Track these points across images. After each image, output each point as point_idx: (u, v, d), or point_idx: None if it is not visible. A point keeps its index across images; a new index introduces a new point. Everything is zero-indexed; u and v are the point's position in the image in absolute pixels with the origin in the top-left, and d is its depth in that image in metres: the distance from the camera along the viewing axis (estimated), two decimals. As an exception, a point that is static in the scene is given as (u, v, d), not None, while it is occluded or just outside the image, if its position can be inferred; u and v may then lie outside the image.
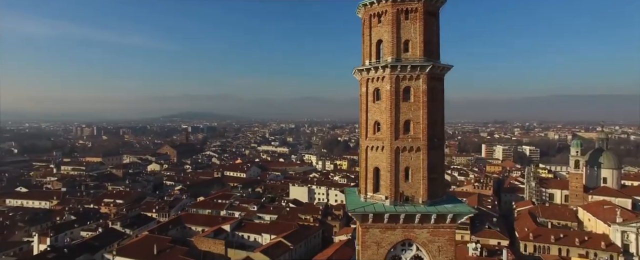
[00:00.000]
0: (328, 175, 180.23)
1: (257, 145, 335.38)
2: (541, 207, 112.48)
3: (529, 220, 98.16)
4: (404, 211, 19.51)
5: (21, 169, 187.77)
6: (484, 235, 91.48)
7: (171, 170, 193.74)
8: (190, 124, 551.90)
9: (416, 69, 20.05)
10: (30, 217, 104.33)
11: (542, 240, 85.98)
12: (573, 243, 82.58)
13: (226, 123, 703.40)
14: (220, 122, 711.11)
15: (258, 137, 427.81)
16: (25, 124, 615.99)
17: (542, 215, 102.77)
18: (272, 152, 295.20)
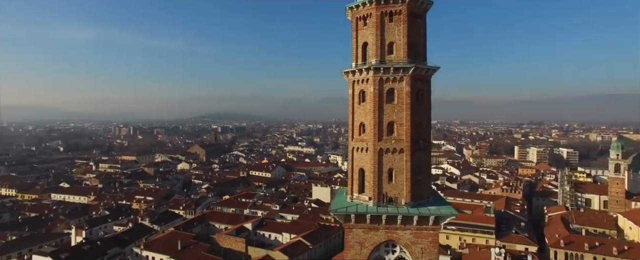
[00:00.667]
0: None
1: (284, 146, 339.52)
2: (575, 212, 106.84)
3: (561, 226, 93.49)
4: (385, 212, 19.59)
5: (65, 166, 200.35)
6: (510, 240, 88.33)
7: (200, 169, 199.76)
8: (220, 125, 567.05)
9: (399, 71, 20.08)
10: (70, 210, 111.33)
11: (575, 248, 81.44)
12: (610, 252, 77.58)
13: (255, 123, 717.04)
14: (249, 123, 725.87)
15: (285, 138, 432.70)
16: (70, 124, 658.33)
17: (576, 221, 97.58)
18: (298, 152, 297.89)
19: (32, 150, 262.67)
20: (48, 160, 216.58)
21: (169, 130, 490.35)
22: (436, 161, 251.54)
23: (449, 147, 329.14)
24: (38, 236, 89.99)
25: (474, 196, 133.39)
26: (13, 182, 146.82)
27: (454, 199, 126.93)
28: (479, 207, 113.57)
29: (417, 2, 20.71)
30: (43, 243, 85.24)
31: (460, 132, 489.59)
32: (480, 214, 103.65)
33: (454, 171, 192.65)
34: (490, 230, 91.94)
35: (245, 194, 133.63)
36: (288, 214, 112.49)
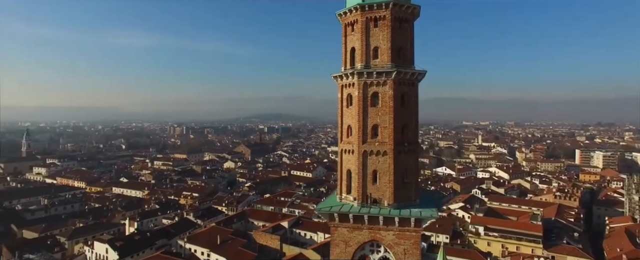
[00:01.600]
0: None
1: (327, 146, 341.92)
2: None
3: (625, 239, 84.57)
4: (365, 212, 20.02)
5: (126, 162, 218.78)
6: (560, 251, 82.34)
7: (244, 168, 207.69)
8: (266, 125, 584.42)
9: (382, 75, 20.40)
10: (126, 203, 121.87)
11: (641, 265, 73.78)
12: (683, 272, 69.51)
13: (300, 124, 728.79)
14: (295, 123, 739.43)
15: (329, 138, 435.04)
16: (132, 123, 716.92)
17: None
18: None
19: (100, 148, 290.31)
20: (112, 156, 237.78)
21: (218, 130, 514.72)
22: (484, 164, 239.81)
23: (500, 149, 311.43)
24: (99, 225, 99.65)
25: (522, 202, 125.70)
26: (83, 176, 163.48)
27: (500, 204, 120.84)
28: (526, 213, 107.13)
29: (402, 7, 20.92)
30: (103, 231, 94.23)
31: (514, 134, 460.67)
32: (526, 220, 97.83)
33: (502, 175, 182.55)
34: (537, 239, 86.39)
35: (284, 192, 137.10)
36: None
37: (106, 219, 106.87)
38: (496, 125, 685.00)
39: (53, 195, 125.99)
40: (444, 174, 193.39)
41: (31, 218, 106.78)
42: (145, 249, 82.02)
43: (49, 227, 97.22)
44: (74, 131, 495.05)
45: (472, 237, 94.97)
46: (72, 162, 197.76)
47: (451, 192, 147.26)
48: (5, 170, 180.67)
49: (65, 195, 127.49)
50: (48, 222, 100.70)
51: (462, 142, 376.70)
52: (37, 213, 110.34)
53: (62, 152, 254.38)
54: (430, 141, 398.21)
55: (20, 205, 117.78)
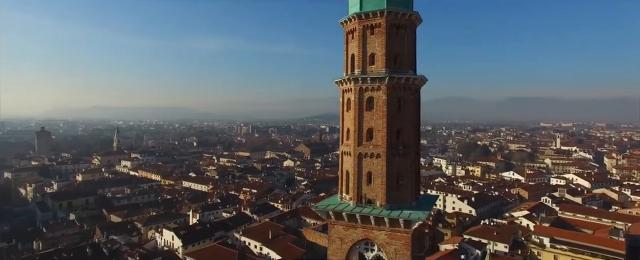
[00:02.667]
0: (454, 181, 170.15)
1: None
2: None
3: None
4: (357, 212, 20.69)
5: (195, 158, 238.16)
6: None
7: (303, 167, 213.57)
8: (329, 125, 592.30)
9: (376, 80, 20.90)
10: (192, 196, 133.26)
11: None
12: None
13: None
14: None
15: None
16: (204, 122, 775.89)
17: None
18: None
19: (175, 145, 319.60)
20: (184, 153, 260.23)
21: (281, 129, 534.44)
22: (562, 170, 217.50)
23: (583, 154, 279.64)
24: (169, 214, 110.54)
25: (604, 214, 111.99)
26: (159, 170, 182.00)
27: (573, 215, 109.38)
28: (606, 227, 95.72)
29: (397, 15, 21.25)
30: (171, 220, 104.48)
31: (603, 137, 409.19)
32: (605, 235, 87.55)
33: (581, 183, 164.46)
34: (618, 258, 76.82)
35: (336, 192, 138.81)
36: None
37: (175, 210, 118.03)
38: (582, 127, 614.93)
39: (134, 186, 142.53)
40: (510, 179, 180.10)
41: (117, 205, 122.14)
42: (205, 239, 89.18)
43: (129, 214, 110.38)
44: (156, 129, 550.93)
45: (535, 248, 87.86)
46: (151, 157, 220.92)
47: (516, 199, 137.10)
48: (101, 162, 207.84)
49: (144, 187, 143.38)
50: (129, 209, 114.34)
51: (537, 145, 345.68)
52: (121, 201, 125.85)
53: (144, 148, 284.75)
54: (500, 144, 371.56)
55: (110, 193, 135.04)
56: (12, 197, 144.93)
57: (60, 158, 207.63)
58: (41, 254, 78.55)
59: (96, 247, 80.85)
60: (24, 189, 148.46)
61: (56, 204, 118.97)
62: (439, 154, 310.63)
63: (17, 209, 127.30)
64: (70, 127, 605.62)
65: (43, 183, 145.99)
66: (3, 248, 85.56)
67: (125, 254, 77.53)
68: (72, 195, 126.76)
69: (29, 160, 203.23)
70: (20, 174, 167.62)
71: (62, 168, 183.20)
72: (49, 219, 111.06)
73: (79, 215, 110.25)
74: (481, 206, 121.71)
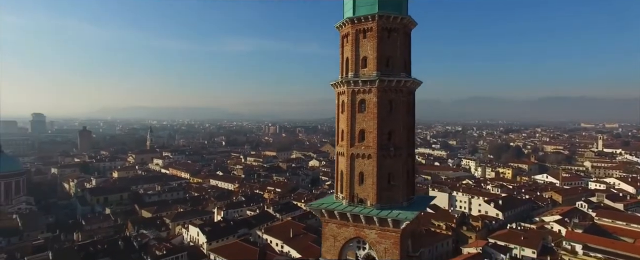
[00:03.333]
0: (483, 183, 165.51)
1: (418, 147, 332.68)
2: None
3: None
4: (348, 211, 21.17)
5: (223, 157, 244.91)
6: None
7: (328, 167, 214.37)
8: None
9: (367, 83, 21.27)
10: (218, 194, 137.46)
11: None
12: None
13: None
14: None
15: (418, 140, 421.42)
16: (233, 122, 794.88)
17: None
18: (428, 155, 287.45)
19: (204, 144, 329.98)
20: (213, 152, 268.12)
21: (308, 129, 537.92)
22: (603, 174, 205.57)
23: (629, 157, 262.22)
24: (195, 211, 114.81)
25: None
26: (188, 168, 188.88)
27: (612, 221, 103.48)
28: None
29: (389, 18, 21.55)
30: (197, 217, 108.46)
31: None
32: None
33: (625, 188, 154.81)
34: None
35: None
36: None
37: (201, 207, 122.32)
38: (629, 128, 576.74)
39: (164, 183, 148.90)
40: (544, 182, 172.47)
41: (148, 201, 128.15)
42: (229, 236, 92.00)
43: (159, 210, 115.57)
44: (187, 129, 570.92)
45: (566, 255, 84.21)
46: (181, 155, 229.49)
47: (549, 204, 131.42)
48: (135, 160, 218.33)
49: (173, 184, 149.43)
50: (159, 205, 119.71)
51: (576, 147, 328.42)
52: (152, 197, 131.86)
53: (175, 146, 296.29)
54: (534, 145, 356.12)
55: (142, 189, 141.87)
56: (57, 191, 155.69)
57: (99, 156, 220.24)
58: (79, 244, 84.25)
59: (127, 240, 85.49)
60: (67, 183, 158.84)
61: (94, 198, 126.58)
62: (468, 155, 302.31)
63: (61, 202, 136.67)
64: (109, 126, 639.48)
65: (83, 179, 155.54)
66: (48, 238, 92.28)
67: (153, 247, 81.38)
68: (108, 191, 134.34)
69: (72, 157, 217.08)
70: (64, 170, 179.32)
71: (100, 165, 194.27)
72: (87, 212, 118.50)
73: (114, 210, 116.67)
74: (509, 209, 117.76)
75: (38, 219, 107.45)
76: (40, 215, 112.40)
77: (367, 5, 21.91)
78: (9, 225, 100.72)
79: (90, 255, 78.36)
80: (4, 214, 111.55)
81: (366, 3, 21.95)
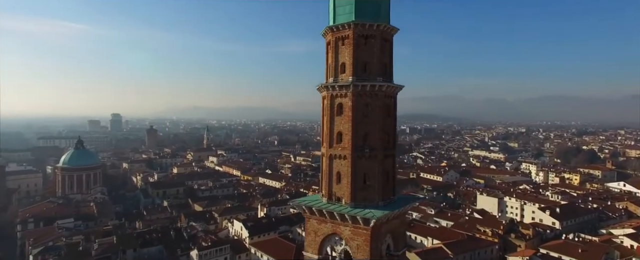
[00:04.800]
0: (543, 189, 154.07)
1: (471, 149, 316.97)
2: None
3: None
4: (324, 207, 22.19)
5: (274, 156, 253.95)
6: None
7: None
8: (409, 125, 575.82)
9: (343, 88, 22.09)
10: (264, 192, 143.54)
11: None
12: None
13: (447, 125, 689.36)
14: (441, 124, 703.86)
15: (475, 141, 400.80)
16: (287, 122, 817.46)
17: None
18: (484, 157, 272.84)
19: (258, 143, 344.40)
20: (265, 151, 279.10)
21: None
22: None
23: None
24: (241, 207, 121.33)
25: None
26: (240, 166, 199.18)
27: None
28: None
29: (364, 26, 22.22)
30: (242, 213, 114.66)
31: None
32: None
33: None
34: None
35: (406, 194, 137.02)
36: (442, 219, 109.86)
37: (248, 203, 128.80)
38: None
39: (216, 180, 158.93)
40: (620, 190, 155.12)
41: (201, 196, 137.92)
42: (270, 232, 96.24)
43: (209, 204, 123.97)
44: (243, 128, 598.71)
45: (635, 272, 76.26)
46: (235, 154, 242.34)
47: (622, 215, 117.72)
48: (193, 157, 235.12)
49: (224, 181, 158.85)
50: (209, 200, 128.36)
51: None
52: (204, 192, 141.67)
53: (230, 145, 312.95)
54: (613, 149, 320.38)
55: (196, 185, 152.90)
56: (127, 184, 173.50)
57: (162, 153, 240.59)
58: (138, 232, 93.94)
59: (178, 231, 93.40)
60: (135, 177, 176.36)
61: (154, 192, 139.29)
62: (531, 158, 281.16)
63: (128, 193, 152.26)
64: (174, 125, 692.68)
65: (148, 173, 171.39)
66: (116, 224, 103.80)
67: (200, 239, 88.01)
68: (167, 185, 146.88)
69: (140, 154, 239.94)
70: (133, 164, 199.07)
71: (163, 161, 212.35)
72: (148, 204, 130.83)
73: (170, 203, 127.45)
74: (568, 219, 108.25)
75: (109, 208, 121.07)
76: (111, 204, 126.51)
77: (345, 14, 22.96)
78: (87, 212, 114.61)
79: (146, 242, 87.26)
80: (84, 201, 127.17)
81: (344, 12, 23.02)
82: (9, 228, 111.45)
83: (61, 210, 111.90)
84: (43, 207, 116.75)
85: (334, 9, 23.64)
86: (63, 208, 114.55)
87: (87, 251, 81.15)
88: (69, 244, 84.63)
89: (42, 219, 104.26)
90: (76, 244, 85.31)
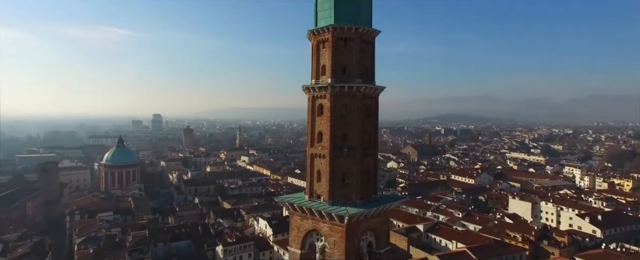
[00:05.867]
0: (587, 195, 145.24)
1: (508, 152, 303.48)
2: None
3: None
4: (304, 204, 22.80)
5: (305, 157, 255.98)
6: None
7: (406, 169, 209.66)
8: (444, 126, 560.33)
9: (322, 89, 22.64)
10: (291, 191, 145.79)
11: None
12: None
13: (484, 126, 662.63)
14: (478, 125, 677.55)
15: (515, 143, 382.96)
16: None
17: None
18: (523, 160, 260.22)
19: (290, 143, 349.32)
20: (297, 151, 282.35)
21: (394, 130, 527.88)
22: None
23: None
24: (267, 206, 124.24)
25: None
26: (270, 166, 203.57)
27: None
28: None
29: (343, 29, 22.74)
30: (268, 211, 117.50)
31: None
32: None
33: None
34: None
35: (433, 196, 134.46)
36: (470, 223, 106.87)
37: (274, 202, 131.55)
38: None
39: (245, 179, 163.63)
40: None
41: (230, 194, 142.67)
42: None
43: (237, 202, 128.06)
44: (277, 128, 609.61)
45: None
46: (266, 153, 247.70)
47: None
48: (226, 157, 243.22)
49: (253, 180, 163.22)
50: (238, 199, 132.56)
51: None
52: (234, 190, 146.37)
53: (262, 145, 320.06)
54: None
55: (227, 183, 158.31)
56: (163, 181, 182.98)
57: (197, 152, 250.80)
58: (169, 226, 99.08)
59: (206, 227, 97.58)
60: (170, 175, 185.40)
61: (187, 189, 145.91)
62: (576, 162, 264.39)
63: (163, 190, 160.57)
64: (211, 125, 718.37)
65: (182, 171, 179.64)
66: (150, 219, 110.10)
67: (225, 235, 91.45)
68: (199, 183, 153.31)
69: (177, 153, 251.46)
70: (170, 163, 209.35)
71: (197, 160, 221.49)
72: (181, 200, 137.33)
73: (201, 200, 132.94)
74: (611, 227, 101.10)
75: (145, 203, 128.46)
76: (147, 200, 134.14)
77: (325, 18, 23.67)
78: (125, 206, 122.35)
79: (176, 236, 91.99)
80: (123, 196, 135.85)
81: (325, 16, 23.73)
82: (60, 218, 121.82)
83: (103, 204, 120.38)
84: (88, 200, 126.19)
85: (316, 13, 24.45)
86: (104, 202, 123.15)
87: (122, 243, 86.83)
88: (108, 236, 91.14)
89: (86, 211, 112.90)
90: (113, 235, 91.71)
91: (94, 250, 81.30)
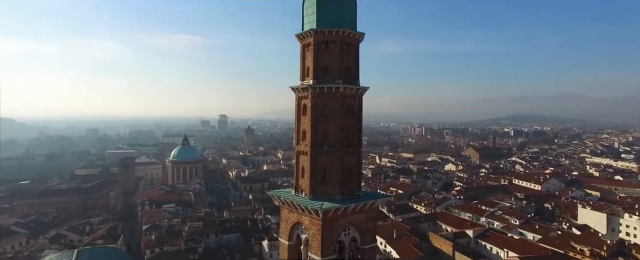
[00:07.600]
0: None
1: (589, 156, 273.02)
2: None
3: None
4: (287, 198, 23.84)
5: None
6: None
7: (465, 172, 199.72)
8: (514, 127, 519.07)
9: (305, 90, 23.53)
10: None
11: None
12: None
13: (563, 127, 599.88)
14: (555, 127, 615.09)
15: (600, 147, 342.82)
16: (380, 123, 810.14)
17: None
18: (607, 166, 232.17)
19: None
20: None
21: (456, 131, 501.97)
22: None
23: None
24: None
25: None
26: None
27: None
28: None
29: (324, 33, 23.49)
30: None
31: None
32: None
33: None
34: None
35: (489, 202, 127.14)
36: (529, 232, 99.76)
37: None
38: None
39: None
40: None
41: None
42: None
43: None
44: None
45: None
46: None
47: None
48: (282, 155, 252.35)
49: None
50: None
51: None
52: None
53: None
54: None
55: (280, 181, 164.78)
56: (223, 178, 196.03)
57: (256, 151, 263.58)
58: (221, 219, 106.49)
59: (255, 222, 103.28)
60: (230, 172, 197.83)
61: (242, 185, 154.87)
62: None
63: (221, 186, 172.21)
64: (272, 125, 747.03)
65: (240, 169, 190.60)
66: (207, 212, 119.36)
67: (271, 230, 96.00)
68: (254, 180, 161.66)
69: (238, 151, 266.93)
70: (230, 160, 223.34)
71: (255, 159, 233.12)
72: (237, 196, 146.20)
73: (255, 197, 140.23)
74: None
75: (204, 197, 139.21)
76: (206, 194, 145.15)
77: (309, 23, 24.81)
78: (187, 199, 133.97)
79: (227, 229, 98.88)
80: (185, 190, 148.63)
81: (309, 21, 24.89)
82: (135, 207, 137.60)
83: (168, 196, 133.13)
84: (156, 192, 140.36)
85: (303, 18, 25.73)
86: (169, 194, 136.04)
87: (180, 232, 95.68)
88: (169, 225, 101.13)
89: (154, 202, 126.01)
90: (173, 225, 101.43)
91: (156, 237, 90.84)
